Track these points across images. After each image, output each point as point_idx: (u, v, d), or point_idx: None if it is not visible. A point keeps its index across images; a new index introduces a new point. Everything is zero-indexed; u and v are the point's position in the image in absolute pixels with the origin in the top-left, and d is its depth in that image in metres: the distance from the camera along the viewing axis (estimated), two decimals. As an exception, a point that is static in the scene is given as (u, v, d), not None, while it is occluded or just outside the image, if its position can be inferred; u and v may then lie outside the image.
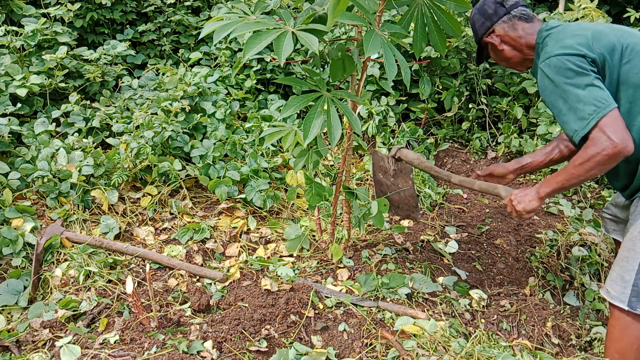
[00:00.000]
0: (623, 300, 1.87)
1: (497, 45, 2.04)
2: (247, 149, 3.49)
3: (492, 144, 4.23)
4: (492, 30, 2.04)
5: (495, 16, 2.01)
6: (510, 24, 2.00)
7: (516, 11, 1.99)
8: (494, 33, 2.04)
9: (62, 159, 2.98)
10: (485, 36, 2.07)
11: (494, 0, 2.02)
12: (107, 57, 3.87)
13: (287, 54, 1.71)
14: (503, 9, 2.00)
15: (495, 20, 2.01)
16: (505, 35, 2.02)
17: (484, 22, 2.04)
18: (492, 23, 2.02)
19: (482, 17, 2.04)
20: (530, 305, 2.51)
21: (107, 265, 2.60)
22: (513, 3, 2.00)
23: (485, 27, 2.05)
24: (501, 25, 2.01)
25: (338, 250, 2.63)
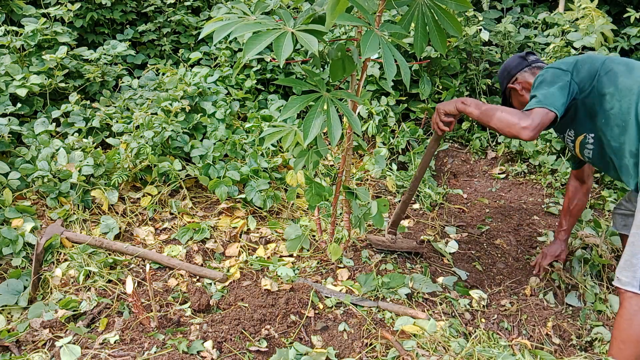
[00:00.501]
0: (635, 284, 1.92)
1: (518, 91, 2.43)
2: (247, 149, 3.49)
3: (492, 144, 4.23)
4: (515, 79, 2.44)
5: (518, 67, 2.43)
6: (530, 73, 2.40)
7: (536, 64, 2.42)
8: (517, 81, 2.43)
9: (62, 159, 2.98)
10: (510, 83, 2.46)
11: (518, 56, 2.47)
12: (107, 57, 3.87)
13: (286, 54, 1.71)
14: (525, 62, 2.42)
15: (518, 70, 2.43)
16: (525, 82, 2.40)
17: (509, 72, 2.46)
18: (516, 72, 2.43)
19: (507, 69, 2.47)
20: (531, 305, 2.51)
21: (107, 265, 2.61)
22: (534, 59, 2.44)
23: (509, 76, 2.46)
24: (522, 75, 2.42)
25: (337, 250, 2.63)
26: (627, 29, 4.39)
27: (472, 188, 3.79)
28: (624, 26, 4.58)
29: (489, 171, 4.00)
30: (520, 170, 3.89)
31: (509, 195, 3.66)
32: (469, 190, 3.75)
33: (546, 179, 3.73)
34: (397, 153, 3.98)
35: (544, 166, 3.78)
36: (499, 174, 3.92)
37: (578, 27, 3.89)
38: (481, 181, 3.89)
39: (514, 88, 2.43)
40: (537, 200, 3.56)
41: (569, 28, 3.93)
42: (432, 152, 2.45)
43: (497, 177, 3.90)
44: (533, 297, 2.59)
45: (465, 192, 3.73)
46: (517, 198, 3.61)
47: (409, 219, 3.29)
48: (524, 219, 3.32)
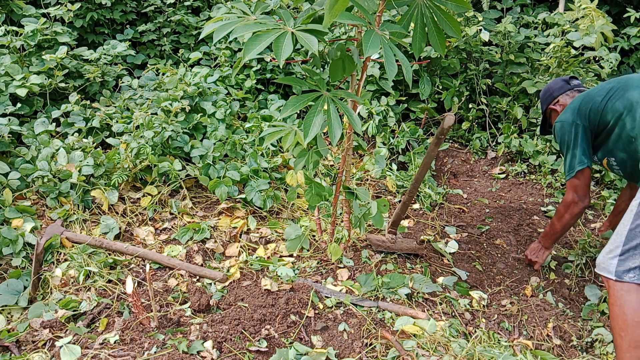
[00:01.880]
0: (611, 270, 1.98)
1: (559, 112, 2.60)
2: (247, 149, 3.49)
3: (492, 144, 4.23)
4: (557, 101, 2.63)
5: (560, 90, 2.62)
6: (570, 97, 2.59)
7: (578, 88, 2.61)
8: (558, 103, 2.63)
9: (62, 159, 2.98)
10: (551, 104, 2.65)
11: (561, 79, 2.65)
12: (107, 57, 3.87)
13: (286, 54, 1.71)
14: (568, 86, 2.62)
15: (560, 92, 2.62)
16: (565, 104, 2.58)
17: (551, 94, 2.65)
18: (558, 94, 2.63)
19: (550, 91, 2.66)
20: (532, 306, 2.51)
21: (107, 265, 2.61)
22: (577, 83, 2.62)
23: (551, 98, 2.65)
24: (564, 97, 2.61)
25: (337, 250, 2.63)
26: (627, 29, 4.39)
27: (472, 188, 3.79)
28: (624, 26, 4.58)
29: (489, 171, 4.00)
30: (520, 170, 3.89)
31: (509, 195, 3.66)
32: (469, 190, 3.75)
33: (546, 179, 3.73)
34: (397, 153, 3.98)
35: (544, 166, 3.78)
36: (499, 174, 3.92)
37: (578, 27, 3.89)
38: (481, 181, 3.89)
39: (554, 109, 2.63)
40: (537, 200, 3.56)
41: (569, 28, 3.93)
42: (433, 155, 2.45)
43: (497, 177, 3.90)
44: (533, 298, 2.59)
45: (465, 192, 3.72)
46: (517, 198, 3.61)
47: (409, 219, 3.29)
48: (524, 219, 3.31)
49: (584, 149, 2.34)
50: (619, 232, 1.99)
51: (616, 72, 4.53)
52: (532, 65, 4.22)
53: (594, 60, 4.16)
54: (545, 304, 2.53)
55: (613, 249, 2.00)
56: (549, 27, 4.33)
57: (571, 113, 2.37)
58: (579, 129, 2.33)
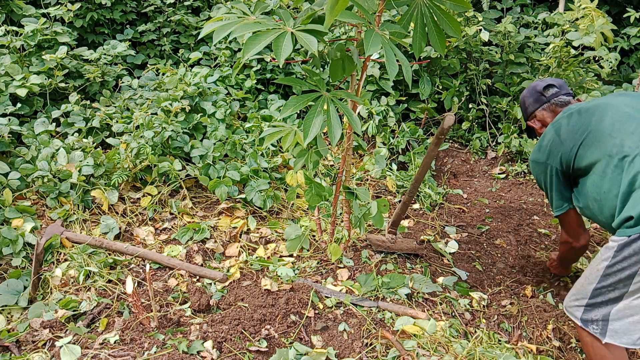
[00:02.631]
0: (577, 316, 1.93)
1: (537, 130, 2.33)
2: (247, 149, 3.49)
3: (492, 144, 4.23)
4: (534, 116, 2.32)
5: (536, 103, 2.29)
6: (548, 111, 2.27)
7: (556, 100, 2.25)
8: (535, 118, 2.32)
9: (62, 159, 2.98)
10: (528, 120, 2.36)
11: (536, 89, 2.29)
12: (107, 57, 3.87)
13: (286, 54, 1.71)
14: (543, 98, 2.27)
15: (536, 107, 2.30)
16: (544, 120, 2.29)
17: (527, 108, 2.34)
18: (534, 109, 2.31)
19: (526, 104, 2.34)
20: (532, 307, 2.50)
21: (107, 265, 2.61)
22: (554, 92, 2.26)
23: (528, 112, 2.35)
24: (541, 112, 2.29)
25: (337, 250, 2.63)
26: (627, 29, 4.39)
27: (472, 188, 3.79)
28: (624, 26, 4.58)
29: (489, 171, 3.99)
30: (520, 170, 3.89)
31: (509, 195, 3.66)
32: (469, 190, 3.75)
33: (546, 179, 3.73)
34: (397, 153, 3.98)
35: (544, 166, 3.78)
36: (499, 174, 3.92)
37: (578, 27, 3.89)
38: (481, 181, 3.88)
39: (533, 127, 2.36)
40: (537, 200, 3.56)
41: (569, 28, 3.93)
42: (433, 155, 2.45)
43: (497, 177, 3.90)
44: (534, 299, 2.58)
45: (465, 192, 3.72)
46: (517, 198, 3.60)
47: (409, 219, 3.29)
48: (524, 219, 3.31)
49: (560, 193, 2.13)
50: (584, 286, 1.89)
51: (616, 72, 4.53)
52: (532, 65, 4.22)
53: (593, 60, 4.16)
54: (546, 304, 2.52)
55: (579, 298, 1.92)
56: (549, 27, 4.34)
57: (542, 153, 2.14)
58: (552, 172, 2.10)
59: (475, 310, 2.48)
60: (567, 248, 2.31)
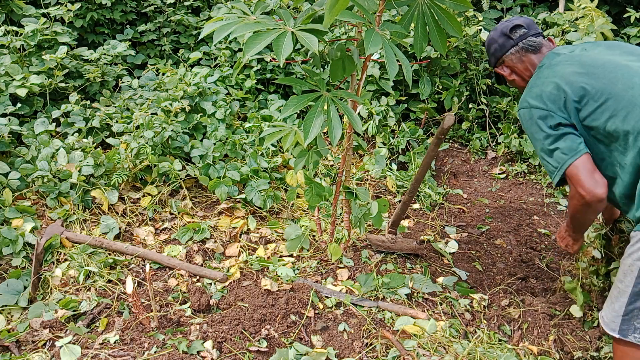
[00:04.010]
0: (614, 328, 1.80)
1: (507, 76, 2.09)
2: (247, 149, 3.49)
3: (492, 144, 4.23)
4: (502, 61, 2.08)
5: (503, 48, 2.04)
6: (518, 56, 2.03)
7: (524, 42, 2.01)
8: (504, 64, 2.08)
9: (62, 159, 2.98)
10: (496, 67, 2.11)
11: (502, 32, 2.04)
12: (107, 57, 3.87)
13: (286, 54, 1.71)
14: (511, 41, 2.02)
15: (504, 51, 2.04)
16: (513, 66, 2.05)
17: (493, 53, 2.09)
18: (501, 54, 2.06)
19: (491, 49, 2.09)
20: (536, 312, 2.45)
21: (107, 265, 2.60)
22: (522, 34, 2.01)
23: (495, 57, 2.09)
24: (509, 57, 2.04)
25: (337, 250, 2.63)
26: (627, 29, 4.39)
27: (472, 188, 3.79)
28: (624, 26, 4.58)
29: (489, 171, 3.99)
30: (520, 170, 3.89)
31: (509, 195, 3.66)
32: (469, 190, 3.75)
33: (546, 179, 3.73)
34: (397, 153, 3.98)
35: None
36: (499, 174, 3.92)
37: (578, 27, 3.89)
38: (481, 181, 3.88)
39: (501, 74, 2.10)
40: (537, 200, 3.56)
41: (568, 28, 3.93)
42: (433, 155, 2.44)
43: (497, 177, 3.90)
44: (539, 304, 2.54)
45: (465, 192, 3.72)
46: (517, 198, 3.60)
47: (409, 219, 3.29)
48: (524, 219, 3.31)
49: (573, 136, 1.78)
50: (622, 291, 1.76)
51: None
52: (532, 65, 4.22)
53: (594, 60, 4.15)
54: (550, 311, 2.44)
55: (617, 308, 1.78)
56: (549, 27, 4.33)
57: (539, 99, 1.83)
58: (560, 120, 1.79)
59: (476, 310, 2.48)
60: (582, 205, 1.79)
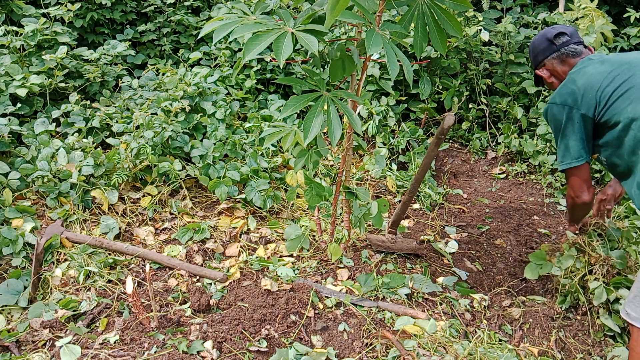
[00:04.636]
0: (636, 317, 1.84)
1: (546, 79, 2.25)
2: (247, 149, 3.49)
3: (492, 144, 4.23)
4: (543, 64, 2.24)
5: (546, 52, 2.21)
6: (558, 60, 2.19)
7: (566, 49, 2.17)
8: (545, 67, 2.24)
9: (62, 159, 2.98)
10: (537, 69, 2.27)
11: (546, 37, 2.21)
12: (107, 57, 3.87)
13: (286, 54, 1.71)
14: (553, 47, 2.19)
15: (546, 55, 2.21)
16: (553, 69, 2.22)
17: (536, 56, 2.26)
18: (543, 58, 2.23)
19: (535, 51, 2.26)
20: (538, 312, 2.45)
21: (107, 265, 2.61)
22: (564, 41, 2.18)
23: (537, 61, 2.26)
24: (550, 61, 2.21)
25: (337, 250, 2.63)
26: (627, 29, 4.39)
27: (472, 188, 3.79)
28: (624, 26, 4.58)
29: (489, 171, 4.00)
30: (520, 170, 3.89)
31: (509, 195, 3.66)
32: (469, 190, 3.75)
33: (546, 179, 3.73)
34: (397, 153, 3.98)
35: (544, 166, 3.78)
36: (499, 174, 3.92)
37: (578, 27, 3.89)
38: (481, 181, 3.89)
39: (542, 76, 2.26)
40: (537, 200, 3.56)
41: (569, 28, 3.93)
42: (432, 155, 2.45)
43: (497, 177, 3.90)
44: (540, 305, 2.57)
45: (465, 192, 3.72)
46: (517, 198, 3.61)
47: (409, 219, 3.29)
48: (524, 219, 3.31)
49: (583, 142, 2.01)
50: None
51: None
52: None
53: (594, 60, 4.15)
54: (553, 311, 2.43)
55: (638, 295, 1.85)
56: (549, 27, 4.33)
57: (572, 97, 2.01)
58: (579, 118, 1.99)
59: (476, 310, 2.48)
60: (571, 203, 2.21)
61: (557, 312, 2.41)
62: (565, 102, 2.03)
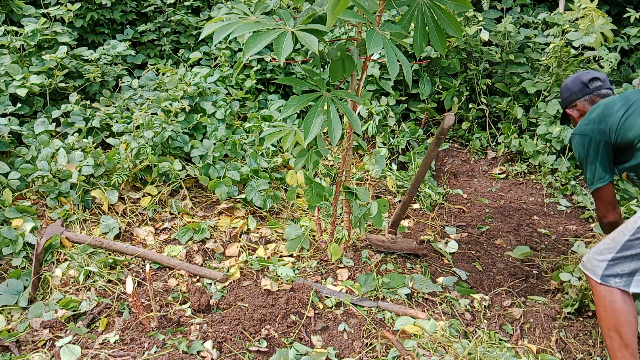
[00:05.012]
0: (597, 273, 1.99)
1: (575, 118, 2.39)
2: (247, 149, 3.49)
3: (492, 144, 4.23)
4: (574, 105, 2.39)
5: (579, 93, 2.36)
6: (589, 102, 2.34)
7: (598, 92, 2.33)
8: (576, 107, 2.39)
9: (62, 159, 2.98)
10: (568, 108, 2.42)
11: (581, 80, 2.36)
12: (107, 57, 3.87)
13: (286, 53, 1.71)
14: (587, 90, 2.34)
15: (579, 97, 2.36)
16: (583, 110, 2.36)
17: (569, 96, 2.40)
18: (576, 98, 2.37)
19: (569, 91, 2.40)
20: (539, 312, 2.45)
21: (107, 265, 2.60)
22: (597, 85, 2.34)
23: (569, 100, 2.40)
24: (582, 102, 2.36)
25: (337, 250, 2.63)
26: (627, 29, 4.39)
27: (472, 188, 3.79)
28: (624, 26, 4.58)
29: (489, 171, 3.99)
30: (520, 170, 3.89)
31: (509, 195, 3.66)
32: (469, 190, 3.75)
33: (546, 179, 3.73)
34: (397, 153, 3.98)
35: (544, 166, 3.78)
36: (499, 174, 3.92)
37: (578, 27, 3.89)
38: (481, 181, 3.88)
39: (571, 115, 2.42)
40: (537, 200, 3.56)
41: (568, 28, 3.93)
42: (432, 155, 2.45)
43: (497, 177, 3.90)
44: (541, 305, 2.57)
45: (465, 192, 3.72)
46: (517, 198, 3.60)
47: (409, 219, 3.29)
48: (524, 219, 3.31)
49: (604, 165, 2.17)
50: (615, 239, 1.96)
51: (616, 72, 4.53)
52: (532, 65, 4.22)
53: (593, 60, 4.16)
54: (554, 311, 2.43)
55: (604, 252, 1.98)
56: (549, 27, 4.34)
57: (590, 126, 2.18)
58: (599, 145, 2.16)
59: (476, 310, 2.48)
60: (600, 222, 2.33)
61: (558, 312, 2.41)
62: (584, 132, 2.18)
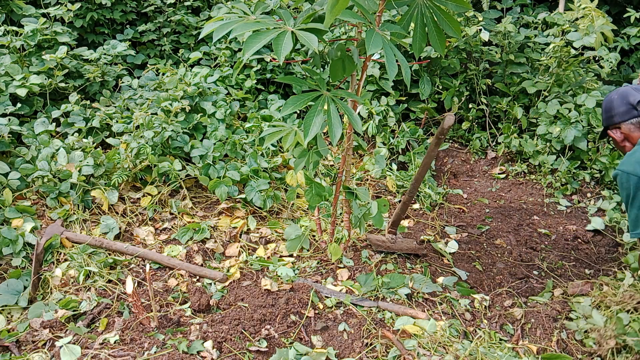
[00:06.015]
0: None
1: (618, 141, 2.20)
2: (247, 149, 3.49)
3: (492, 144, 4.23)
4: (618, 127, 2.18)
5: (625, 115, 2.14)
6: (636, 126, 2.14)
7: None
8: (620, 130, 2.18)
9: (62, 159, 2.98)
10: (610, 129, 2.21)
11: (629, 101, 2.14)
12: (107, 57, 3.87)
13: (286, 52, 1.71)
14: (634, 112, 2.13)
15: (625, 119, 2.14)
16: (629, 134, 2.16)
17: (612, 116, 2.18)
18: (621, 120, 2.15)
19: (612, 111, 2.18)
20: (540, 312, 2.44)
21: (107, 265, 2.60)
22: None
23: (612, 121, 2.19)
24: (628, 126, 2.15)
25: (337, 250, 2.63)
26: (627, 29, 4.39)
27: (472, 188, 3.78)
28: (624, 26, 4.58)
29: (489, 171, 3.99)
30: (520, 170, 3.89)
31: (509, 195, 3.66)
32: (469, 190, 3.75)
33: (546, 179, 3.73)
34: (397, 153, 3.98)
35: (544, 166, 3.78)
36: (499, 174, 3.92)
37: (578, 27, 3.88)
38: (481, 181, 3.88)
39: (613, 136, 2.22)
40: (537, 200, 3.56)
41: (568, 28, 3.93)
42: (432, 155, 2.44)
43: (497, 177, 3.90)
44: (542, 306, 2.57)
45: (465, 192, 3.72)
46: (517, 198, 3.60)
47: (409, 219, 3.29)
48: (524, 219, 3.31)
49: None
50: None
51: (616, 72, 4.53)
52: (532, 65, 4.22)
53: (593, 60, 4.16)
54: (555, 310, 2.42)
55: None
56: (549, 27, 4.33)
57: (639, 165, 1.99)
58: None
59: (476, 310, 2.48)
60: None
61: (559, 313, 2.41)
62: (635, 172, 1.98)
